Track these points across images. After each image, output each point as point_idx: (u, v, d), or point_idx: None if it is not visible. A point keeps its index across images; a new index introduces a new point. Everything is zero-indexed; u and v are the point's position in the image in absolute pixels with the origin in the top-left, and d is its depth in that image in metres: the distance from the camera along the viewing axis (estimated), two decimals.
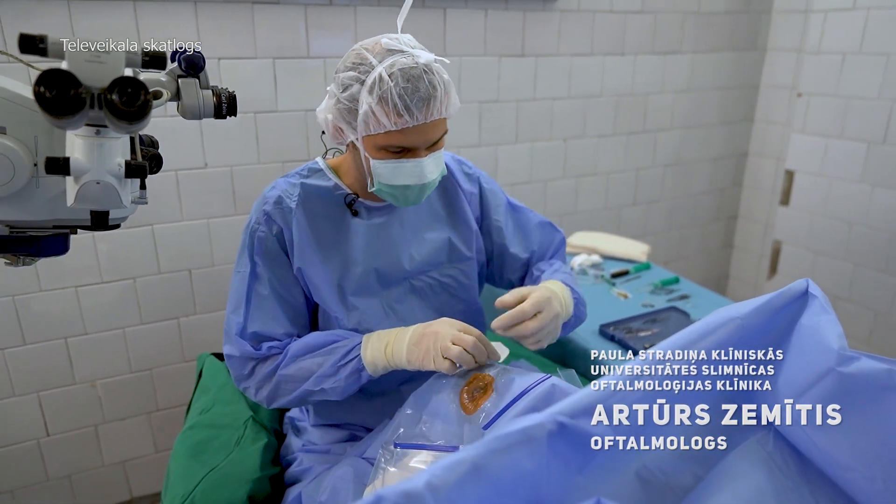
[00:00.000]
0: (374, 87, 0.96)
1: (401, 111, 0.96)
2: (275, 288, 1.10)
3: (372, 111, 0.97)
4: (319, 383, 1.05)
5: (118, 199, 0.76)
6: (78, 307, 1.75)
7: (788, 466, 0.69)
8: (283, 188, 1.12)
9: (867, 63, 2.23)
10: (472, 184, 1.28)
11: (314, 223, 1.11)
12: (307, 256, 1.10)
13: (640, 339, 1.53)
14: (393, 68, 0.97)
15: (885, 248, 2.28)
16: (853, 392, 0.65)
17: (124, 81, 0.64)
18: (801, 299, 0.76)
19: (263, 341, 1.10)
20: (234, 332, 1.10)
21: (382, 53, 0.99)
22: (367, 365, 1.04)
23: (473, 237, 1.25)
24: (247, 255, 1.11)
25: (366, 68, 0.99)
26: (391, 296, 1.17)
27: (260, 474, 1.13)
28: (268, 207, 1.10)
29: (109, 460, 1.93)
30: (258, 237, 1.09)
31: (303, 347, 1.08)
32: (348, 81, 1.00)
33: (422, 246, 1.18)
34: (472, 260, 1.24)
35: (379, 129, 0.99)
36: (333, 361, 1.05)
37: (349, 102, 1.00)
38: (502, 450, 0.51)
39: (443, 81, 1.00)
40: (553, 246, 1.34)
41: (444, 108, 1.01)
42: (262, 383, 1.10)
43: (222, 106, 0.90)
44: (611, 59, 2.35)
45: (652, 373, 0.63)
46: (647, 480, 0.66)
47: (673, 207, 2.78)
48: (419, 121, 0.98)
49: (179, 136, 1.73)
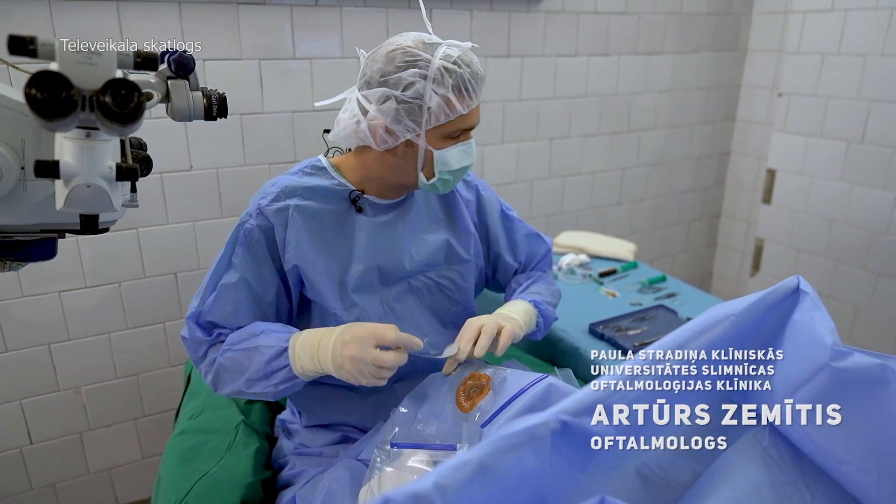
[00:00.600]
0: (444, 78, 1.01)
1: (471, 94, 1.03)
2: (246, 280, 1.09)
3: (445, 100, 1.02)
4: (251, 386, 1.04)
5: (109, 202, 0.75)
6: (61, 312, 1.72)
7: (784, 461, 0.70)
8: (284, 184, 1.11)
9: (845, 63, 2.27)
10: (470, 191, 1.31)
11: (317, 219, 1.11)
12: (306, 254, 1.09)
13: (630, 338, 1.54)
14: (449, 59, 1.02)
15: (865, 245, 2.32)
16: (847, 387, 0.67)
17: (117, 83, 0.63)
18: (793, 296, 0.77)
19: (217, 328, 1.10)
20: (189, 314, 1.10)
21: (428, 49, 1.03)
22: (298, 374, 1.01)
23: (472, 241, 1.26)
24: (230, 243, 1.10)
25: (424, 63, 1.02)
26: (390, 294, 1.18)
27: (252, 479, 1.12)
28: (263, 202, 1.09)
29: (95, 468, 1.90)
30: (245, 228, 1.09)
31: (238, 335, 1.06)
32: (410, 79, 1.02)
33: (421, 246, 1.20)
34: (469, 263, 1.25)
35: (452, 116, 1.04)
36: (263, 362, 1.02)
37: (414, 99, 1.02)
38: (508, 449, 0.51)
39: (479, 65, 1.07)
40: (538, 257, 1.39)
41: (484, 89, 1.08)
42: (208, 368, 1.09)
43: (213, 107, 0.89)
44: (595, 60, 2.37)
45: (651, 372, 0.64)
46: (646, 477, 0.67)
47: (657, 206, 2.81)
48: (476, 101, 1.06)
49: (164, 138, 1.72)
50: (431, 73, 1.01)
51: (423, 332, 1.17)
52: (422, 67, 1.02)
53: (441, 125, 1.05)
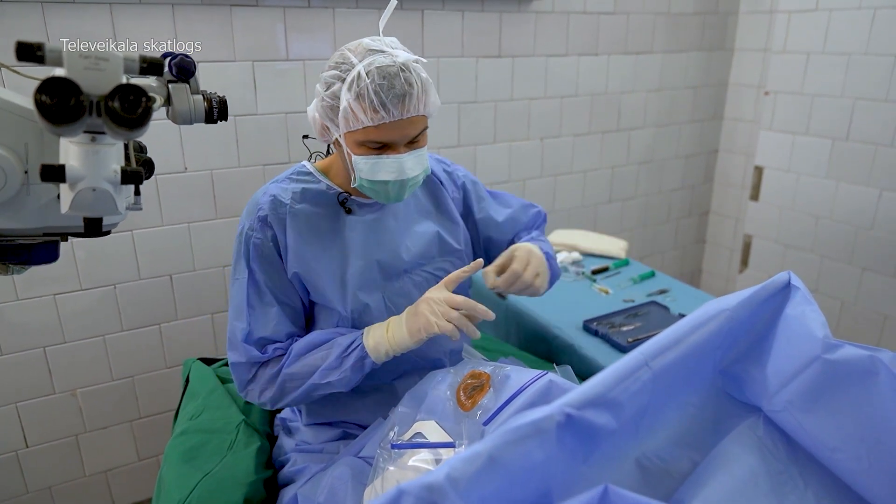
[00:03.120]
0: (353, 85, 1.00)
1: (376, 107, 1.00)
2: (273, 292, 1.12)
3: (350, 107, 1.01)
4: (325, 376, 1.07)
5: (114, 205, 0.76)
6: (56, 315, 1.72)
7: (779, 449, 0.72)
8: (275, 192, 1.13)
9: (830, 62, 2.31)
10: (455, 185, 1.33)
11: (311, 223, 1.13)
12: (304, 258, 1.11)
13: (624, 334, 1.57)
14: (371, 66, 1.00)
15: (850, 241, 2.37)
16: (838, 377, 0.69)
17: (125, 88, 0.64)
18: (784, 291, 0.80)
19: (268, 344, 1.12)
20: (240, 338, 1.11)
21: (363, 53, 1.03)
22: (370, 352, 1.07)
23: (461, 231, 1.30)
24: (243, 261, 1.11)
25: (346, 67, 1.03)
26: (393, 289, 1.19)
27: (255, 477, 1.13)
28: (262, 213, 1.11)
29: (91, 470, 1.90)
30: (254, 243, 1.10)
31: (305, 345, 1.10)
32: (330, 80, 1.04)
33: (415, 239, 1.22)
34: (461, 252, 1.28)
35: (357, 126, 1.02)
36: (337, 354, 1.07)
37: (331, 100, 1.04)
38: (515, 441, 0.53)
39: (420, 79, 1.03)
40: (531, 219, 1.42)
41: (421, 105, 1.04)
42: (267, 385, 1.11)
43: (213, 111, 0.90)
44: (585, 60, 2.40)
45: (650, 363, 0.66)
46: (646, 468, 0.69)
47: (647, 204, 2.84)
48: (395, 117, 1.01)
49: (159, 140, 1.72)
50: (348, 78, 1.01)
51: None
52: (343, 71, 1.03)
53: (353, 131, 1.04)
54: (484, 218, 1.35)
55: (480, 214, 1.35)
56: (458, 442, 0.90)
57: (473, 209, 1.35)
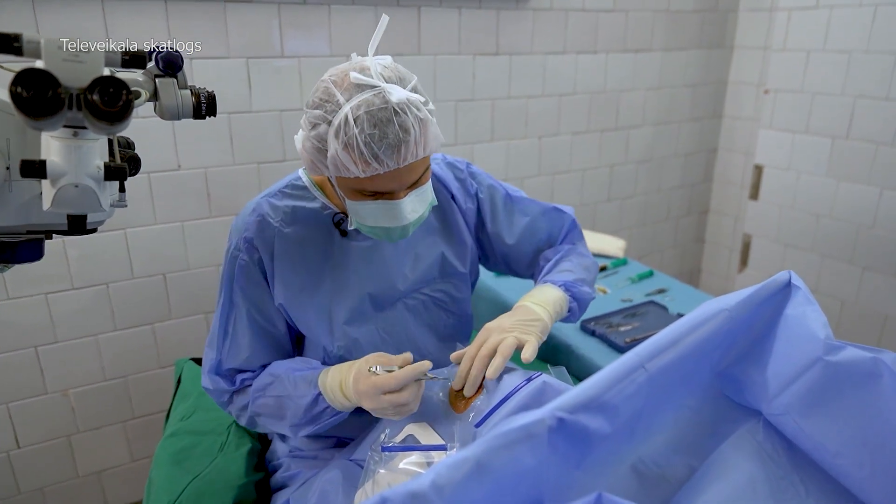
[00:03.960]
0: (340, 132, 0.87)
1: (368, 159, 0.87)
2: (254, 319, 1.06)
3: (339, 156, 0.88)
4: (298, 431, 1.04)
5: (97, 202, 0.74)
6: (48, 315, 1.70)
7: (779, 455, 0.70)
8: (264, 211, 1.04)
9: (830, 60, 2.29)
10: (468, 194, 1.21)
11: (301, 247, 1.04)
12: (291, 289, 1.04)
13: (621, 334, 1.55)
14: (359, 110, 0.86)
15: (851, 240, 2.35)
16: (840, 380, 0.67)
17: (105, 81, 0.62)
18: (785, 290, 0.78)
19: (238, 374, 1.08)
20: (207, 369, 1.07)
21: (350, 90, 0.88)
22: (331, 403, 1.00)
23: (468, 252, 1.20)
24: (227, 283, 1.05)
25: (332, 107, 0.89)
26: (386, 319, 1.12)
27: (245, 480, 1.11)
28: (249, 234, 1.03)
29: (84, 471, 1.88)
30: (239, 265, 1.04)
31: (262, 382, 1.05)
32: (315, 120, 0.91)
33: (415, 263, 1.13)
34: (465, 275, 1.19)
35: (348, 174, 0.90)
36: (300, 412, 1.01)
37: (318, 142, 0.91)
38: (504, 447, 0.51)
39: (417, 122, 0.89)
40: (563, 230, 1.27)
41: (419, 149, 0.91)
42: (240, 413, 1.09)
43: (201, 106, 0.88)
44: (583, 58, 2.38)
45: (646, 365, 0.64)
46: (642, 473, 0.67)
47: (646, 203, 2.82)
48: (390, 167, 0.89)
49: (151, 138, 1.70)
50: (335, 122, 0.88)
51: (420, 349, 1.15)
52: (328, 112, 0.89)
53: (345, 178, 0.92)
54: (497, 233, 1.22)
55: (494, 230, 1.22)
56: (450, 444, 0.88)
57: (487, 224, 1.22)
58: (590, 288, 1.17)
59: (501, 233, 1.22)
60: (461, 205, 1.19)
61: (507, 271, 1.31)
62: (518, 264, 1.27)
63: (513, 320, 1.01)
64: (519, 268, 1.28)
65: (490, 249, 1.25)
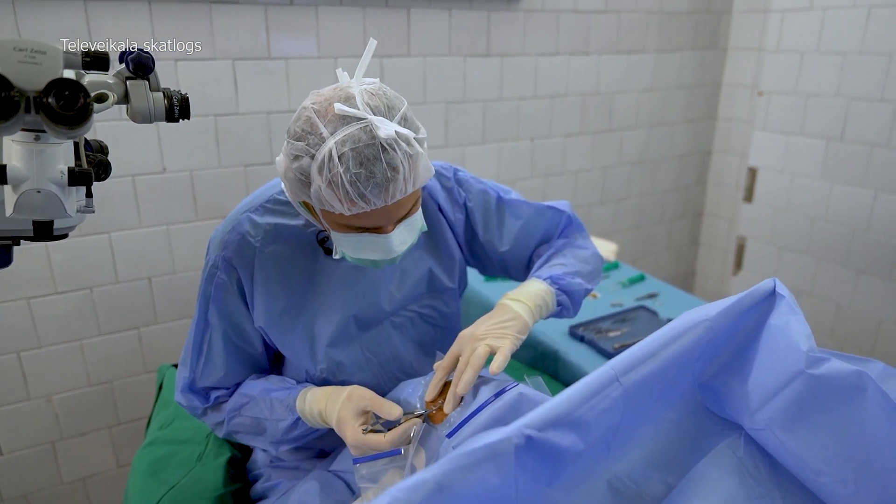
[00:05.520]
0: (324, 168, 0.82)
1: (354, 199, 0.82)
2: (230, 339, 1.02)
3: (323, 192, 0.83)
4: (279, 447, 1.04)
5: (62, 208, 0.72)
6: (31, 319, 1.68)
7: (760, 472, 0.68)
8: (244, 230, 0.99)
9: (824, 62, 2.27)
10: (457, 207, 1.15)
11: (282, 268, 1.00)
12: (272, 312, 1.01)
13: (610, 340, 1.53)
14: (345, 147, 0.81)
15: (846, 243, 2.33)
16: (823, 394, 0.65)
17: (60, 84, 0.60)
18: (769, 299, 0.76)
19: (212, 391, 1.06)
20: (181, 386, 1.05)
21: (334, 122, 0.83)
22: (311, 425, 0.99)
23: (456, 266, 1.16)
24: (203, 299, 1.01)
25: (315, 140, 0.83)
26: (371, 339, 1.08)
27: (223, 490, 1.09)
28: (228, 253, 0.98)
29: (69, 477, 1.86)
30: (217, 283, 0.99)
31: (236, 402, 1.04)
32: (298, 153, 0.85)
33: (402, 281, 1.09)
34: (454, 290, 1.16)
35: (332, 210, 0.86)
36: (280, 433, 1.00)
37: (300, 175, 0.85)
38: (467, 467, 0.49)
39: (406, 158, 0.84)
40: (559, 227, 1.22)
41: (408, 186, 0.86)
42: (216, 427, 1.07)
43: (174, 109, 0.86)
44: (576, 59, 2.36)
45: (621, 379, 0.62)
46: (618, 490, 0.65)
47: (640, 205, 2.81)
48: (377, 206, 0.85)
49: (135, 140, 1.67)
50: (319, 156, 0.82)
51: (405, 367, 1.12)
52: (311, 145, 0.83)
53: (329, 212, 0.88)
54: (490, 241, 1.17)
55: (486, 237, 1.17)
56: (404, 449, 0.86)
57: (479, 233, 1.16)
58: (584, 279, 1.11)
59: (494, 240, 1.17)
60: (449, 216, 1.14)
61: (505, 276, 1.26)
62: (515, 269, 1.22)
63: (487, 325, 0.97)
64: (517, 273, 1.23)
65: (486, 257, 1.20)
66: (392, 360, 1.10)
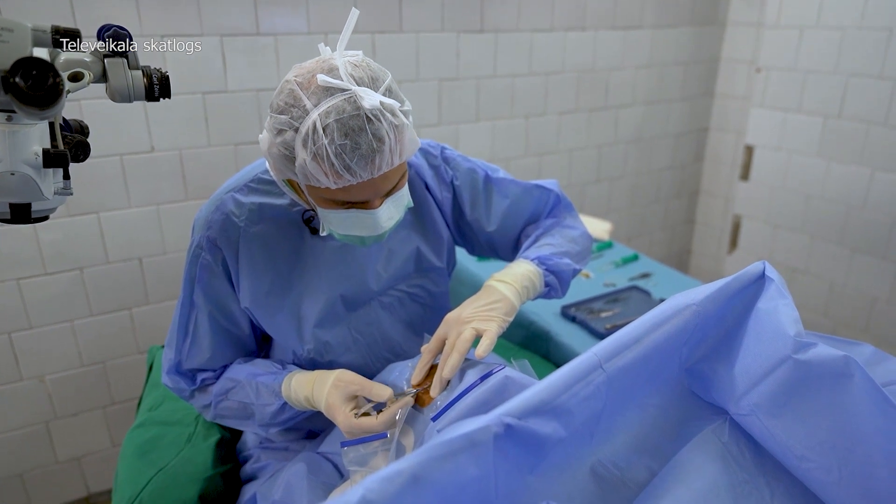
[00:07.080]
0: (308, 141, 0.80)
1: (339, 171, 0.81)
2: (216, 320, 1.01)
3: (307, 166, 0.82)
4: (268, 430, 1.06)
5: (37, 190, 0.70)
6: (21, 300, 1.67)
7: (744, 457, 0.68)
8: (228, 209, 0.97)
9: (824, 37, 2.24)
10: (445, 186, 1.13)
11: (267, 248, 0.99)
12: (258, 292, 0.99)
13: (602, 320, 1.52)
14: (329, 118, 0.79)
15: (841, 221, 2.32)
16: (809, 380, 0.64)
17: (28, 63, 0.58)
18: (758, 282, 0.75)
19: (198, 373, 1.05)
20: (167, 368, 1.04)
21: (318, 94, 0.81)
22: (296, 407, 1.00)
23: (444, 245, 1.14)
24: (189, 281, 1.00)
25: (299, 112, 0.81)
26: (359, 319, 1.07)
27: (212, 472, 1.09)
28: (212, 234, 0.96)
29: (63, 457, 1.87)
30: (202, 264, 0.98)
31: (223, 387, 1.03)
32: (281, 126, 0.83)
33: (389, 260, 1.08)
34: (442, 269, 1.15)
35: (318, 185, 0.84)
36: (268, 416, 1.01)
37: (284, 149, 0.83)
38: (444, 457, 0.48)
39: (392, 129, 0.82)
40: (548, 206, 1.20)
41: (394, 158, 0.85)
42: (203, 410, 1.07)
43: (154, 87, 0.83)
44: (572, 35, 2.32)
45: (604, 365, 0.61)
46: (601, 476, 0.64)
47: (636, 184, 2.79)
48: (363, 178, 0.83)
49: (123, 119, 1.65)
50: (303, 129, 0.81)
51: (394, 347, 1.11)
52: (294, 118, 0.82)
53: (315, 188, 0.86)
54: (477, 220, 1.15)
55: (473, 216, 1.15)
56: (390, 432, 0.86)
57: (466, 212, 1.15)
58: (573, 259, 1.09)
59: (481, 219, 1.15)
60: (436, 195, 1.13)
61: (493, 256, 1.25)
62: (503, 249, 1.21)
63: (473, 307, 0.96)
64: (505, 253, 1.22)
65: (473, 237, 1.19)
66: (380, 341, 1.10)
